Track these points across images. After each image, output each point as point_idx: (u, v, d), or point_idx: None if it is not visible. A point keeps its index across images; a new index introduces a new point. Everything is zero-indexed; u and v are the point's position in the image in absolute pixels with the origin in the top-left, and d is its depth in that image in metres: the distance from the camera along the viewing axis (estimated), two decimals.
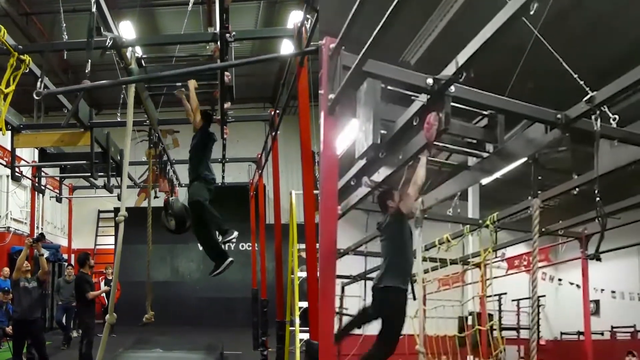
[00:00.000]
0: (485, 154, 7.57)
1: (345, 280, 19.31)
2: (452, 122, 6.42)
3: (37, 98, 6.23)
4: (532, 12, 4.46)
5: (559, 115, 6.45)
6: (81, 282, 13.69)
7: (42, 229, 21.21)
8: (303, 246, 9.40)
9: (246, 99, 21.74)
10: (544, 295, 23.06)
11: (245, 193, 19.92)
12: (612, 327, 20.40)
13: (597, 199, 6.25)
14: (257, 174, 17.15)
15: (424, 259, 12.29)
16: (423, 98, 5.93)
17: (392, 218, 7.39)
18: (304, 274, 10.39)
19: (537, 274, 8.55)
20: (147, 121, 11.21)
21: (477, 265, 13.37)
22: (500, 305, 21.83)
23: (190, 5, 12.51)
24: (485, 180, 17.27)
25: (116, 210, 8.08)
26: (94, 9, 6.66)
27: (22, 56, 7.96)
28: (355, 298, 18.12)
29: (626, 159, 7.22)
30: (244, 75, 19.70)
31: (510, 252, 17.44)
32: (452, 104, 5.82)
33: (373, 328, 7.95)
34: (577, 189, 9.08)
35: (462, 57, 5.20)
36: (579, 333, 20.23)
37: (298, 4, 15.66)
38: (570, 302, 13.74)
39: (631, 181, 8.45)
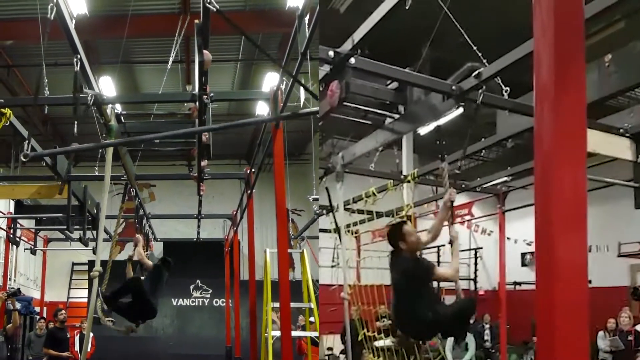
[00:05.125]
0: (395, 116, 8.06)
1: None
2: (364, 85, 7.22)
3: (24, 160, 6.35)
4: (407, 7, 5.13)
5: (453, 87, 7.10)
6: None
7: (14, 280, 21.04)
8: (277, 304, 9.44)
9: (222, 156, 21.88)
10: (482, 248, 23.71)
11: (220, 249, 19.94)
12: None
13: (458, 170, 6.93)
14: (232, 231, 17.22)
15: (352, 211, 13.15)
16: (327, 68, 6.48)
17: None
18: (278, 333, 10.40)
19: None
20: (125, 176, 11.31)
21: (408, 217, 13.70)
22: (439, 256, 22.05)
23: (170, 64, 12.71)
24: (423, 131, 17.62)
25: (90, 263, 8.13)
26: (77, 68, 6.80)
27: (2, 109, 8.06)
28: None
29: (522, 126, 8.12)
30: (220, 133, 19.90)
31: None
32: None
33: None
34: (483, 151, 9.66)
35: (358, 35, 5.90)
36: (515, 283, 21.52)
37: (273, 66, 15.94)
38: (508, 254, 14.42)
39: None
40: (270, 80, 14.16)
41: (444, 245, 21.24)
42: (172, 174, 20.74)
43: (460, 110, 7.96)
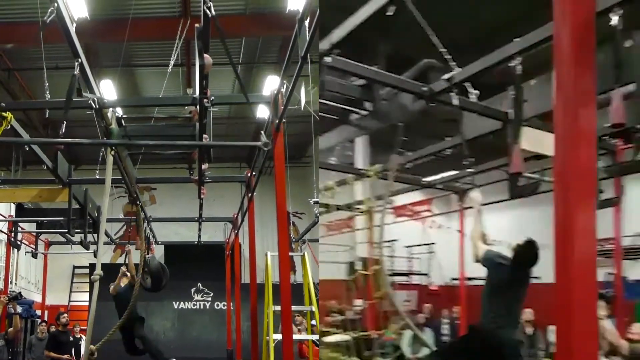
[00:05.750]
0: (363, 112, 8.16)
1: None
2: (331, 80, 7.51)
3: None
4: (389, 13, 5.26)
5: (424, 88, 7.32)
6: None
7: (16, 284, 21.05)
8: (278, 308, 9.43)
9: (223, 159, 21.90)
10: (434, 243, 23.71)
11: (221, 252, 19.93)
12: None
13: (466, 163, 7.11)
14: (233, 234, 17.21)
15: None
16: None
17: None
18: (279, 337, 10.40)
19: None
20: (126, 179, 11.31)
21: (365, 212, 13.75)
22: (391, 251, 22.15)
23: (170, 67, 12.73)
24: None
25: (92, 266, 8.13)
26: (77, 71, 6.81)
27: (3, 113, 8.07)
28: None
29: (488, 128, 8.29)
30: (221, 136, 19.92)
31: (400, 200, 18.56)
32: None
33: None
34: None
35: (336, 36, 5.91)
36: (468, 279, 21.17)
37: (274, 69, 15.95)
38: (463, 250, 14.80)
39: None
40: (271, 83, 14.18)
41: (396, 240, 21.62)
42: (173, 177, 20.78)
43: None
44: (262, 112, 15.10)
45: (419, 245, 23.65)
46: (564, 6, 3.36)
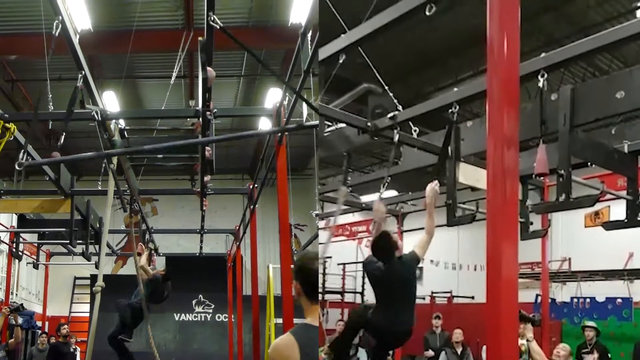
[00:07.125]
0: None
1: None
2: None
3: (18, 169, 6.35)
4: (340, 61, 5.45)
5: (369, 124, 7.76)
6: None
7: (17, 294, 21.02)
8: (280, 320, 9.41)
9: (225, 170, 21.90)
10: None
11: (222, 263, 19.91)
12: (432, 292, 21.68)
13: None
14: (234, 245, 17.20)
15: None
16: None
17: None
18: None
19: None
20: (128, 190, 11.32)
21: None
22: (324, 268, 22.17)
23: (173, 79, 12.75)
24: None
25: (93, 278, 8.13)
26: (79, 83, 6.83)
27: (7, 124, 8.07)
28: None
29: (425, 161, 9.06)
30: (223, 147, 19.92)
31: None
32: None
33: None
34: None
35: None
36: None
37: (276, 81, 15.98)
38: None
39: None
40: (273, 96, 14.19)
41: (330, 257, 21.68)
42: (175, 189, 20.76)
43: None
44: (264, 124, 15.15)
45: (355, 262, 23.66)
46: (495, 68, 3.79)
